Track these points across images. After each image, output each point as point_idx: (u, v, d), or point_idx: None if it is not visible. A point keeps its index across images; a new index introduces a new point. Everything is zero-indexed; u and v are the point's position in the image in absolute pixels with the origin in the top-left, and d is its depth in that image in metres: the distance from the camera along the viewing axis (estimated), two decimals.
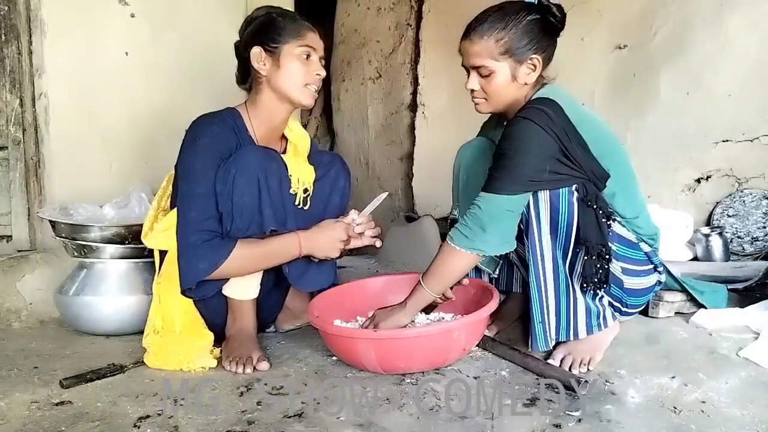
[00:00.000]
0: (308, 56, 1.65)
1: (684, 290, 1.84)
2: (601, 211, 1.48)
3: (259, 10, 1.71)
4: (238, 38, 1.72)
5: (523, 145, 1.44)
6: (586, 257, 1.47)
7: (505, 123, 1.75)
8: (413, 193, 3.74)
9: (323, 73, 1.69)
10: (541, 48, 1.54)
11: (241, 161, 1.54)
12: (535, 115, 1.44)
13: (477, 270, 1.81)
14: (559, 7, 1.55)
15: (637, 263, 1.60)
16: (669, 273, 1.74)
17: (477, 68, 1.56)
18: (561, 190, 1.45)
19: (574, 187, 1.46)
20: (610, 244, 1.49)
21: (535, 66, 1.54)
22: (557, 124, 1.45)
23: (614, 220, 1.53)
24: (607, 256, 1.47)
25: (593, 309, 1.52)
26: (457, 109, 3.55)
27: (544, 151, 1.44)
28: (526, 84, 1.56)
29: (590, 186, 1.47)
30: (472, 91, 1.60)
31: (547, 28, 1.55)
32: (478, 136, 1.87)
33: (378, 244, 1.76)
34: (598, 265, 1.47)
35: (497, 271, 1.80)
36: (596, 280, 1.48)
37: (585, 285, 1.50)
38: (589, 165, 1.47)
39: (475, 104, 1.62)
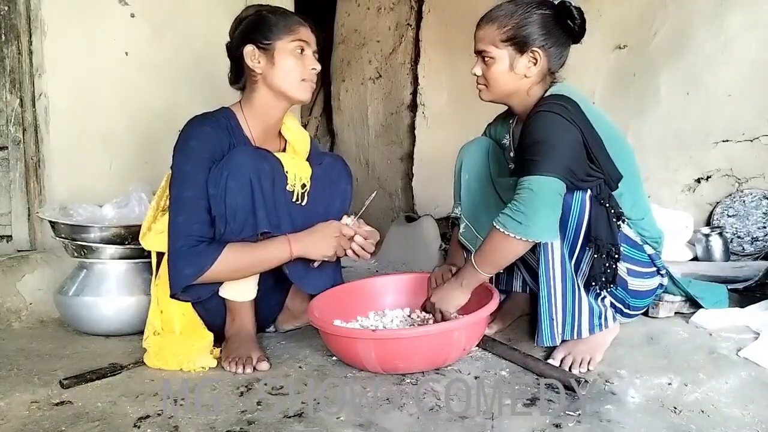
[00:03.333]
0: (302, 51, 1.64)
1: (683, 295, 1.83)
2: (612, 210, 1.48)
3: (248, 9, 1.69)
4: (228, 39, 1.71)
5: (553, 134, 1.43)
6: (596, 255, 1.47)
7: (511, 121, 1.76)
8: (413, 193, 3.74)
9: (318, 67, 1.68)
10: (547, 44, 1.54)
11: (232, 163, 1.53)
12: (557, 108, 1.46)
13: None
14: (579, 11, 1.55)
15: (642, 265, 1.60)
16: (671, 277, 1.74)
17: (480, 53, 1.59)
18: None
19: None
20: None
21: (536, 60, 1.55)
22: (578, 118, 1.46)
23: (623, 221, 1.53)
24: (616, 256, 1.48)
25: (596, 309, 1.52)
26: (457, 109, 3.55)
27: (573, 142, 1.44)
28: (526, 77, 1.56)
29: (604, 185, 1.48)
30: (474, 76, 1.62)
31: (561, 28, 1.55)
32: (482, 135, 1.87)
33: (366, 256, 1.70)
34: (607, 264, 1.47)
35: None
36: (604, 279, 1.48)
37: (593, 283, 1.49)
38: (605, 164, 1.48)
39: (478, 91, 1.65)
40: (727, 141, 2.60)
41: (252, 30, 1.64)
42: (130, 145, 2.48)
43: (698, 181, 2.68)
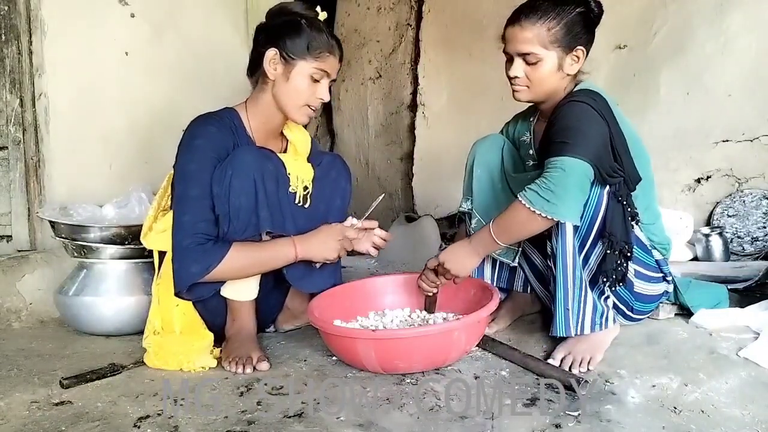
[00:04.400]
0: (319, 79, 1.64)
1: (680, 304, 1.81)
2: (629, 209, 1.49)
3: (294, 4, 1.67)
4: (263, 20, 1.68)
5: (585, 122, 1.44)
6: (608, 251, 1.47)
7: (532, 119, 1.76)
8: (413, 193, 3.74)
9: (327, 98, 1.67)
10: (585, 40, 1.57)
11: (237, 162, 1.53)
12: (587, 99, 1.47)
13: (480, 269, 1.81)
14: (597, 2, 1.57)
15: (649, 269, 1.61)
16: (674, 286, 1.74)
17: (524, 55, 1.56)
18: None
19: None
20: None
21: (578, 57, 1.57)
22: (607, 114, 1.47)
23: (636, 222, 1.54)
24: (629, 254, 1.48)
25: (598, 307, 1.52)
26: (457, 109, 3.56)
27: (602, 134, 1.44)
28: (568, 75, 1.58)
29: (623, 184, 1.48)
30: (515, 78, 1.59)
31: (588, 22, 1.57)
32: (500, 132, 1.88)
33: (373, 252, 1.75)
34: (619, 262, 1.48)
35: (516, 260, 1.73)
36: (614, 276, 1.48)
37: (605, 279, 1.49)
38: (627, 163, 1.48)
39: (515, 92, 1.62)
40: (727, 141, 2.60)
41: (284, 35, 1.61)
42: (130, 145, 2.48)
43: (698, 181, 2.68)
